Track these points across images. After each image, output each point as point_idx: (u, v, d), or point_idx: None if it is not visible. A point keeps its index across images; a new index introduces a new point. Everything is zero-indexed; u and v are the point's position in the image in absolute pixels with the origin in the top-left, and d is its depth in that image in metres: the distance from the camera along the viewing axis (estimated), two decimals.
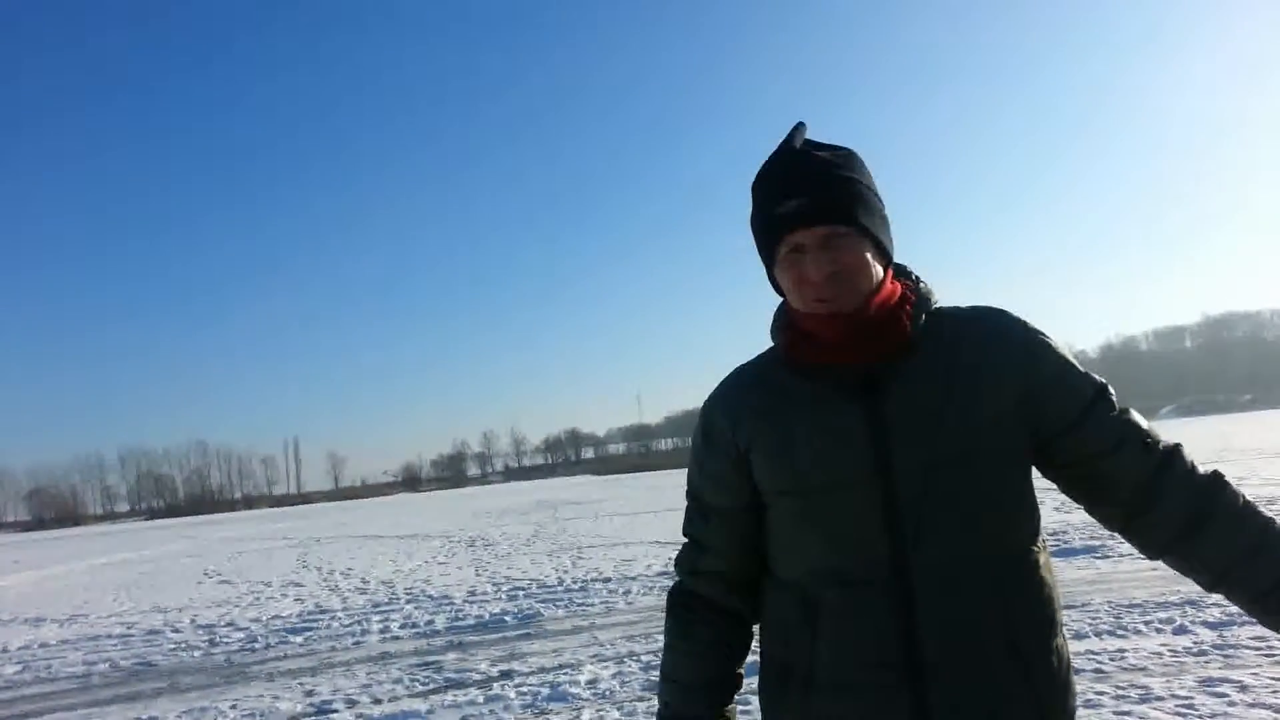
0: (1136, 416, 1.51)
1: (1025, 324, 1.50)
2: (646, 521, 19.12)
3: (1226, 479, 1.50)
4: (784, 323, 1.54)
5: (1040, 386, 1.46)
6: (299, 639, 9.28)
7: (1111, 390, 1.51)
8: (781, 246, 1.45)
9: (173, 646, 9.52)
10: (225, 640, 9.62)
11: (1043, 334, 1.50)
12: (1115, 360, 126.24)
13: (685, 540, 1.68)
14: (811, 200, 1.42)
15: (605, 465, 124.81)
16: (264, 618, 10.91)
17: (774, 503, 1.52)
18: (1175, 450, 1.49)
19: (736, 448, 1.54)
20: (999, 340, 1.47)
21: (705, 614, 1.63)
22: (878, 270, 1.46)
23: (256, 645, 9.19)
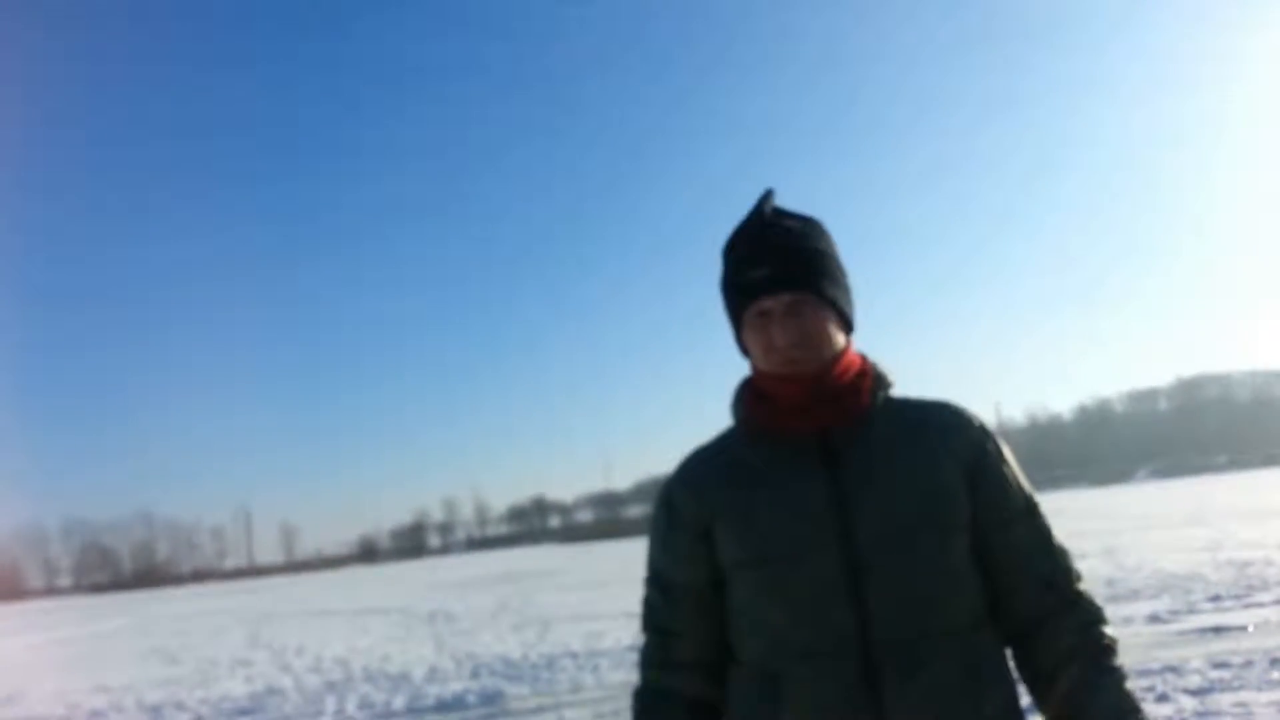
0: (1056, 544, 1.54)
1: (980, 421, 1.57)
2: (616, 593, 18.95)
3: (1109, 655, 1.49)
4: (744, 393, 1.59)
5: (983, 482, 1.51)
6: None
7: (1041, 508, 1.56)
8: (749, 311, 1.52)
9: None
10: None
11: (994, 435, 1.57)
12: (1090, 422, 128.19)
13: (649, 634, 1.62)
14: (778, 268, 1.50)
15: (572, 533, 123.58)
16: (212, 698, 10.53)
17: (736, 575, 1.51)
18: (1075, 603, 1.51)
19: (699, 521, 1.55)
20: (955, 430, 1.54)
21: (681, 714, 1.56)
22: (840, 338, 1.54)
23: None
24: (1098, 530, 22.03)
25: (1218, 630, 8.22)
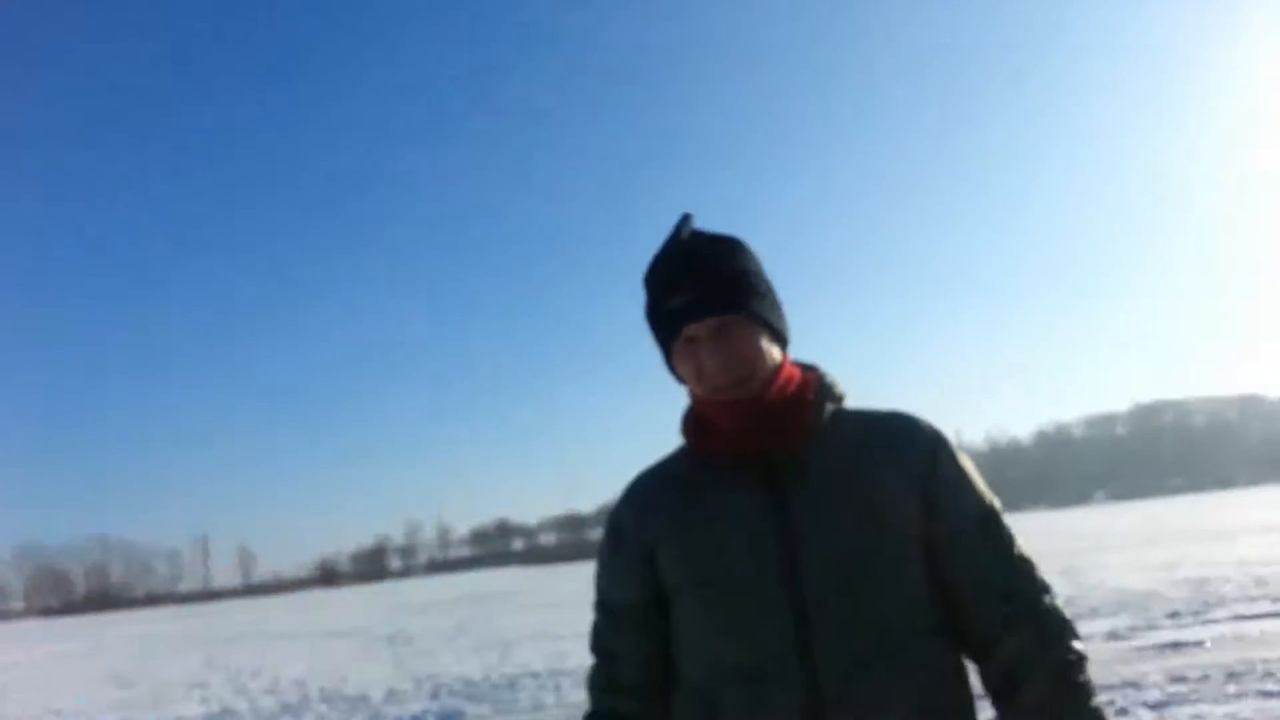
0: (1017, 554, 1.46)
1: (934, 430, 1.50)
2: (579, 614, 18.70)
3: (1076, 670, 1.41)
4: (690, 415, 1.54)
5: (934, 496, 1.44)
6: None
7: (1001, 518, 1.48)
8: (677, 339, 1.47)
9: None
10: None
11: (949, 443, 1.50)
12: (1049, 446, 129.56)
13: (595, 658, 1.59)
14: (700, 292, 1.44)
15: (536, 556, 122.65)
16: None
17: (678, 598, 1.48)
18: (1037, 615, 1.43)
19: (643, 543, 1.51)
20: (905, 443, 1.47)
21: None
22: (774, 354, 1.48)
23: None
24: (1057, 550, 22.26)
25: (1175, 646, 8.31)
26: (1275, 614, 9.53)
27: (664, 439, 1.59)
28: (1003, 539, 1.47)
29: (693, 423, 1.53)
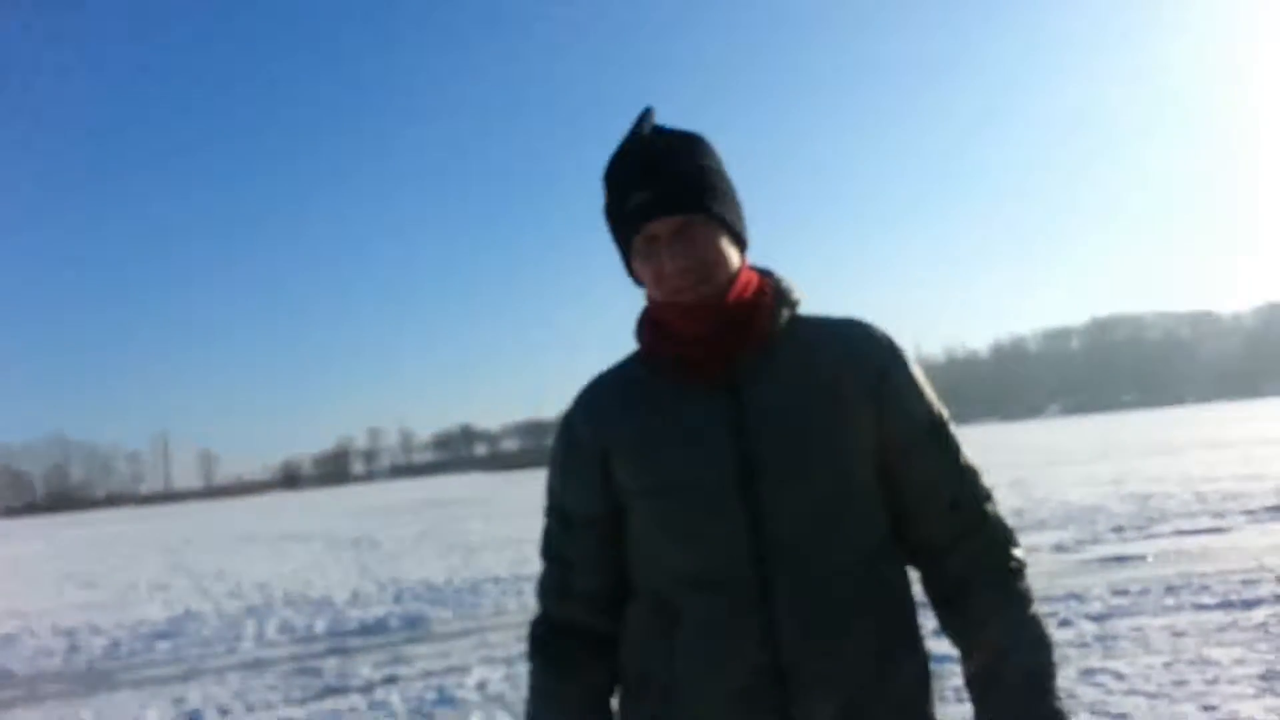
0: (963, 463, 1.48)
1: (888, 338, 1.49)
2: (541, 520, 19.01)
3: (1016, 578, 1.46)
4: (646, 319, 1.51)
5: (886, 402, 1.44)
6: (167, 644, 8.85)
7: (949, 427, 1.49)
8: (636, 239, 1.43)
9: (30, 653, 8.96)
10: (88, 646, 9.12)
11: (901, 351, 1.49)
12: (1005, 359, 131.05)
13: (547, 564, 1.57)
14: (662, 191, 1.40)
15: (499, 462, 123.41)
16: (129, 622, 10.38)
17: (634, 505, 1.46)
18: (981, 523, 1.47)
19: (598, 450, 1.49)
20: (861, 350, 1.47)
21: (581, 647, 1.52)
22: (734, 256, 1.45)
23: (121, 651, 8.74)
24: (1007, 463, 22.80)
25: (1119, 560, 8.61)
26: (1214, 529, 9.88)
27: (628, 346, 1.53)
28: (951, 447, 1.48)
29: (648, 326, 1.50)
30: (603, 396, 1.52)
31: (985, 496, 1.49)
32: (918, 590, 1.50)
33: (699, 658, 1.40)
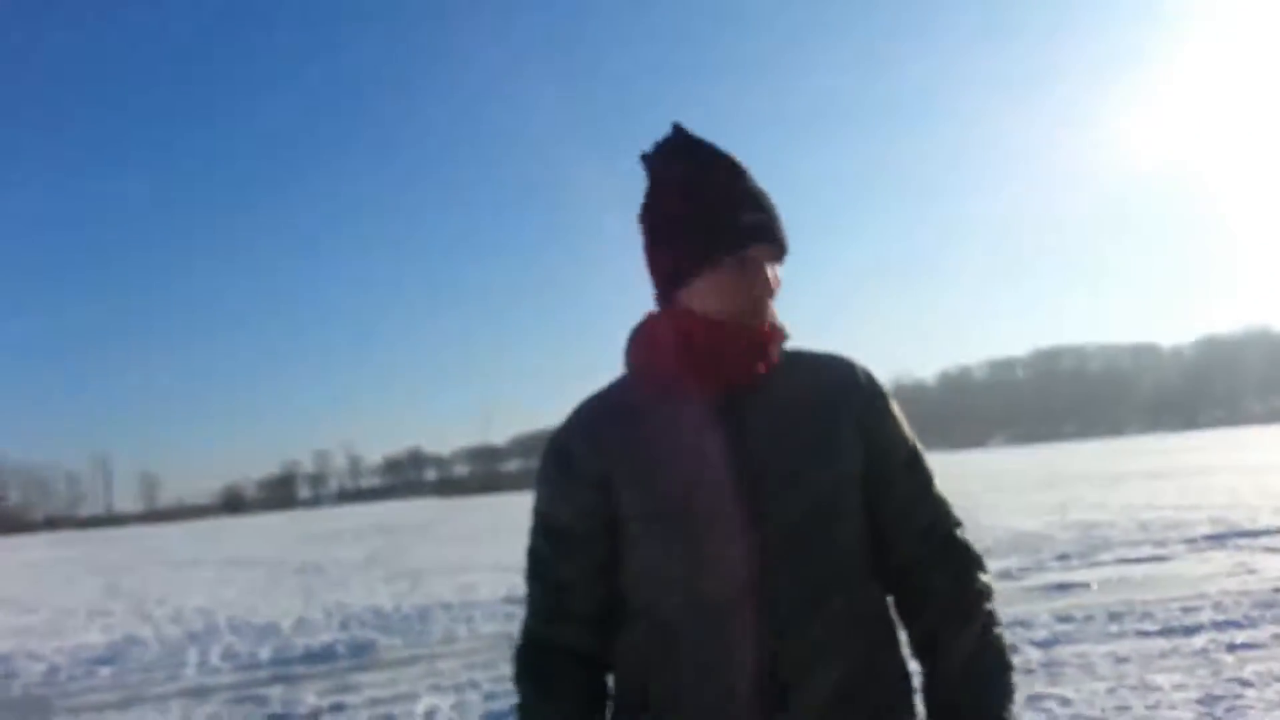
0: (935, 495, 1.56)
1: (868, 374, 1.56)
2: (491, 546, 18.86)
3: (983, 600, 1.53)
4: (644, 339, 1.52)
5: (871, 433, 1.51)
6: (106, 671, 8.64)
7: (924, 459, 1.57)
8: (728, 255, 1.44)
9: None
10: (25, 672, 8.87)
11: (882, 386, 1.57)
12: (951, 388, 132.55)
13: (536, 586, 1.56)
14: (770, 219, 1.47)
15: (449, 487, 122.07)
16: (67, 647, 10.10)
17: (634, 526, 1.47)
18: (948, 549, 1.54)
19: (596, 473, 1.49)
20: (850, 383, 1.53)
21: (572, 667, 1.52)
22: None
23: (59, 677, 8.52)
24: (954, 491, 22.75)
25: (1063, 587, 8.76)
26: (1156, 558, 10.11)
27: (581, 374, 1.54)
28: (925, 478, 1.56)
29: (652, 345, 1.51)
30: (600, 419, 1.53)
31: (956, 524, 1.57)
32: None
33: (696, 673, 1.43)
